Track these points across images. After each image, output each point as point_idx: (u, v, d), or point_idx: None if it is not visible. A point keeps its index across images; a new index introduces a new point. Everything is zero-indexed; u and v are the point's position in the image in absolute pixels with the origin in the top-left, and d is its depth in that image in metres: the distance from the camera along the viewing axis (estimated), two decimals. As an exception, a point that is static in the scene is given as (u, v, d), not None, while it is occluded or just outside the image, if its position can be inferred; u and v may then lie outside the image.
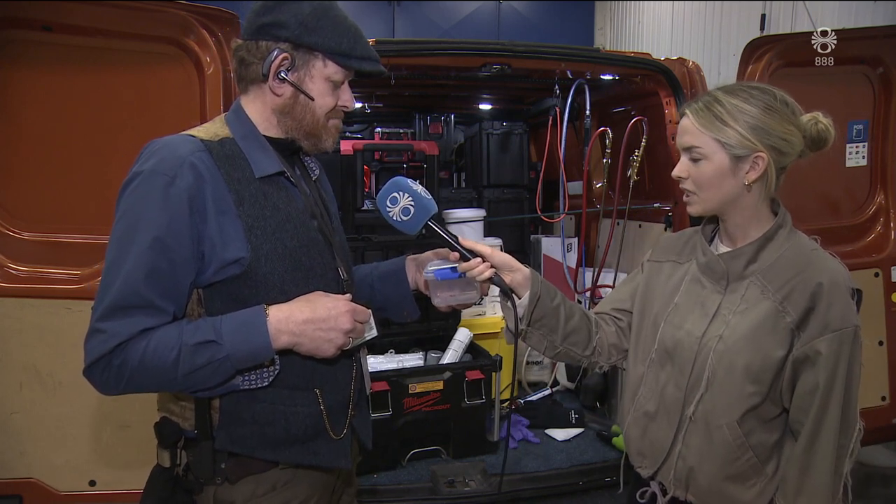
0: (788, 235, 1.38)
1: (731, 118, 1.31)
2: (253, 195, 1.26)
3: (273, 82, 1.29)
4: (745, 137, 1.30)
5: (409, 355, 2.83)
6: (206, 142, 1.26)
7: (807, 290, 1.29)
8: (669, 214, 3.02)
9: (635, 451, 1.52)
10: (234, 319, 1.20)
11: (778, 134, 1.31)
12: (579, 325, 1.54)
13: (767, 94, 1.33)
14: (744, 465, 1.34)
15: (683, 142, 1.37)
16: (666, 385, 1.43)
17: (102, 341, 1.14)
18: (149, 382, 1.18)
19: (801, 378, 1.30)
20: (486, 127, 3.81)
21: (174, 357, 1.15)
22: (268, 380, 1.26)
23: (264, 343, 1.20)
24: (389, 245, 2.90)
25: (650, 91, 2.96)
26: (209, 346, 1.17)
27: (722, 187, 1.35)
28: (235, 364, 1.19)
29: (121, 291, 1.15)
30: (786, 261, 1.35)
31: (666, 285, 1.50)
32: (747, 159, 1.32)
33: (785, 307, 1.30)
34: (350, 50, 1.29)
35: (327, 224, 1.42)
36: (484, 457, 2.61)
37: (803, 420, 1.31)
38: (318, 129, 1.34)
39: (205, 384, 1.20)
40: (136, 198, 1.19)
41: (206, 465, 1.27)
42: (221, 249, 1.22)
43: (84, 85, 2.08)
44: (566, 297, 1.55)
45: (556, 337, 1.51)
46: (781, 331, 1.30)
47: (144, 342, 1.15)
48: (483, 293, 1.47)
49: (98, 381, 1.17)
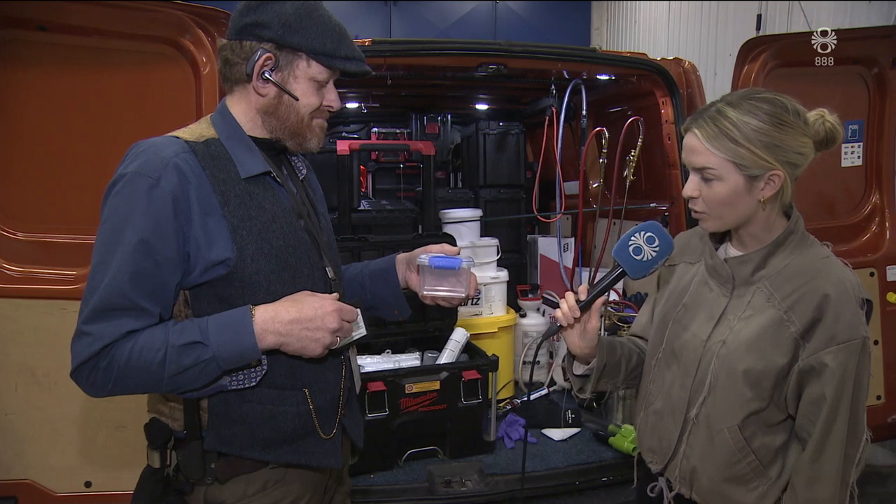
0: (799, 242, 1.35)
1: (743, 137, 1.25)
2: (238, 195, 1.26)
3: (257, 82, 1.30)
4: (760, 157, 1.25)
5: (405, 355, 2.82)
6: (190, 143, 1.26)
7: (813, 300, 1.26)
8: (666, 214, 3.02)
9: (646, 446, 1.52)
10: (220, 320, 1.20)
11: (793, 148, 1.27)
12: (637, 363, 1.56)
13: (777, 105, 1.27)
14: (745, 468, 1.33)
15: (694, 162, 1.31)
16: (672, 385, 1.43)
17: (88, 344, 1.15)
18: (135, 384, 1.18)
19: (808, 389, 1.28)
20: (483, 127, 3.81)
21: (160, 358, 1.16)
22: (255, 380, 1.26)
23: (250, 343, 1.20)
24: (386, 245, 2.89)
25: (646, 91, 2.96)
26: (195, 347, 1.17)
27: (737, 207, 1.30)
28: (222, 364, 1.19)
29: (107, 293, 1.16)
30: (795, 269, 1.32)
31: (677, 286, 1.50)
32: (762, 178, 1.27)
33: (790, 316, 1.28)
34: (334, 50, 1.29)
35: (314, 223, 1.42)
36: (481, 457, 2.61)
37: (810, 430, 1.29)
38: (303, 128, 1.35)
39: (191, 385, 1.20)
40: (120, 200, 1.19)
41: (195, 465, 1.28)
42: (207, 250, 1.22)
43: (79, 85, 2.07)
44: (624, 343, 1.56)
45: (618, 380, 1.54)
46: (785, 340, 1.28)
47: (130, 344, 1.15)
48: (471, 294, 1.47)
49: (85, 383, 1.17)
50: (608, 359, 1.48)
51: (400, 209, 3.59)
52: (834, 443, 1.26)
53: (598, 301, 1.39)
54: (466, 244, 3.11)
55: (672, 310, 1.47)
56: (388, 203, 3.67)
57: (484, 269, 3.19)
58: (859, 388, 1.27)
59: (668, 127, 2.86)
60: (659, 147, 2.94)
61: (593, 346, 1.43)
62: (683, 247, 1.56)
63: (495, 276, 3.21)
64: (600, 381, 1.50)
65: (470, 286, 1.47)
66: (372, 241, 2.89)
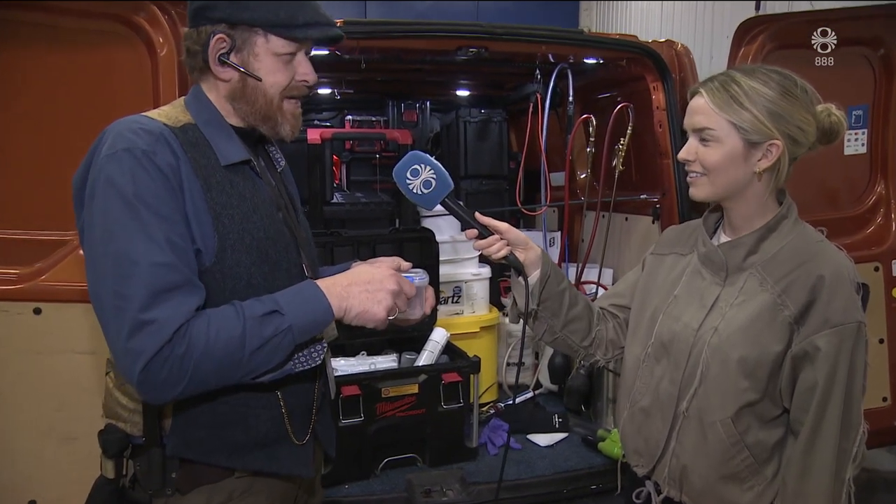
0: (793, 226, 1.39)
1: (748, 101, 1.31)
2: (220, 182, 1.25)
3: (216, 68, 1.29)
4: (761, 122, 1.31)
5: (381, 357, 2.81)
6: (170, 126, 1.25)
7: (808, 283, 1.30)
8: (657, 206, 3.03)
9: (631, 448, 1.54)
10: (286, 292, 1.23)
11: (795, 122, 1.32)
12: (581, 313, 1.59)
13: (788, 78, 1.34)
14: (739, 465, 1.35)
15: (695, 122, 1.37)
16: (661, 380, 1.45)
17: (156, 331, 1.09)
18: (215, 370, 1.14)
19: (801, 376, 1.31)
20: (464, 114, 3.80)
21: (240, 332, 1.14)
22: (319, 359, 1.29)
23: (324, 307, 1.23)
24: (361, 241, 2.87)
25: (636, 76, 2.96)
26: (273, 317, 1.17)
27: (731, 173, 1.35)
28: (296, 335, 1.20)
29: (154, 273, 1.11)
30: (787, 252, 1.36)
31: (667, 278, 1.53)
32: (761, 146, 1.33)
33: (784, 300, 1.31)
34: (290, 19, 1.27)
35: (293, 217, 1.43)
36: (462, 464, 2.60)
37: (803, 419, 1.31)
38: (274, 111, 1.33)
39: (267, 364, 1.19)
40: (121, 177, 1.15)
41: (154, 474, 1.26)
42: (198, 236, 1.20)
43: (22, 66, 2.02)
44: (572, 284, 1.60)
45: (557, 322, 1.56)
46: (779, 325, 1.31)
47: (205, 322, 1.13)
48: (426, 312, 1.49)
49: (157, 380, 1.10)
50: (551, 273, 1.52)
51: (376, 202, 3.58)
52: (827, 433, 1.28)
53: (486, 220, 1.46)
54: (447, 238, 3.11)
55: (663, 303, 1.49)
56: (363, 196, 3.66)
57: (465, 266, 3.19)
58: (854, 376, 1.29)
59: (660, 114, 2.86)
60: (650, 135, 2.94)
61: (536, 256, 1.50)
62: (674, 238, 1.60)
63: (477, 273, 3.21)
64: (540, 306, 1.53)
65: (426, 304, 1.47)
66: (346, 237, 2.88)
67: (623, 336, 1.63)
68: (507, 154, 3.93)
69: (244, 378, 1.19)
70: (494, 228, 1.46)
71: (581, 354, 1.64)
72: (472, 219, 1.45)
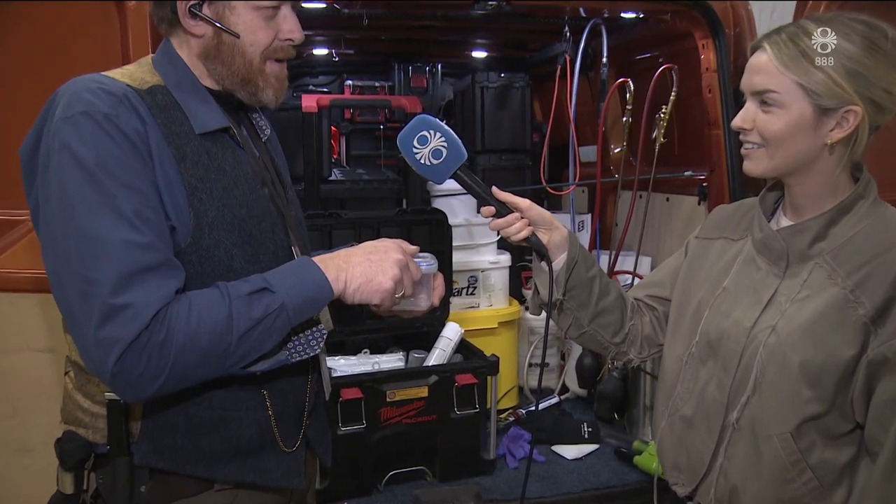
0: (870, 208, 1.33)
1: (821, 58, 1.24)
2: (195, 153, 1.24)
3: (186, 20, 1.27)
4: (837, 84, 1.24)
5: (387, 356, 2.82)
6: (134, 88, 1.22)
7: (888, 276, 1.24)
8: (704, 185, 3.00)
9: (670, 463, 1.52)
10: (276, 270, 1.23)
11: (881, 83, 1.25)
12: (613, 305, 1.58)
13: (875, 29, 1.26)
14: (801, 488, 1.31)
15: (754, 83, 1.32)
16: (707, 385, 1.42)
17: (132, 317, 1.07)
18: (197, 360, 1.12)
19: (880, 386, 1.25)
20: (481, 79, 3.78)
21: (225, 314, 1.13)
22: (318, 346, 1.29)
23: (319, 279, 1.23)
24: (363, 223, 2.87)
25: (683, 32, 2.92)
26: (263, 295, 1.17)
27: (796, 144, 1.30)
28: (291, 316, 1.19)
29: (127, 252, 1.09)
30: (863, 239, 1.30)
31: (715, 266, 1.50)
32: (835, 113, 1.27)
33: (857, 296, 1.26)
34: None
35: (280, 194, 1.42)
36: (478, 479, 2.61)
37: (882, 439, 1.26)
38: (254, 74, 1.32)
39: (259, 349, 1.18)
40: (80, 143, 1.12)
41: (120, 488, 1.25)
42: (171, 212, 1.19)
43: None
44: (603, 272, 1.59)
45: (585, 314, 1.55)
46: (851, 326, 1.26)
47: (186, 305, 1.12)
48: (434, 302, 1.48)
49: (134, 373, 1.08)
50: (580, 257, 1.51)
51: (379, 180, 3.58)
52: None
53: (505, 196, 1.47)
54: (461, 221, 3.09)
55: (709, 295, 1.46)
56: (365, 172, 3.66)
57: (481, 252, 3.18)
58: None
59: (709, 76, 2.82)
60: (697, 102, 2.91)
61: (562, 238, 1.51)
62: (724, 220, 1.57)
63: (495, 261, 3.19)
64: (567, 297, 1.53)
65: (434, 293, 1.47)
66: (346, 218, 2.87)
67: (661, 332, 1.62)
68: (530, 125, 3.91)
69: (233, 368, 1.18)
70: (514, 205, 1.46)
71: (612, 352, 1.64)
72: (488, 194, 1.45)
